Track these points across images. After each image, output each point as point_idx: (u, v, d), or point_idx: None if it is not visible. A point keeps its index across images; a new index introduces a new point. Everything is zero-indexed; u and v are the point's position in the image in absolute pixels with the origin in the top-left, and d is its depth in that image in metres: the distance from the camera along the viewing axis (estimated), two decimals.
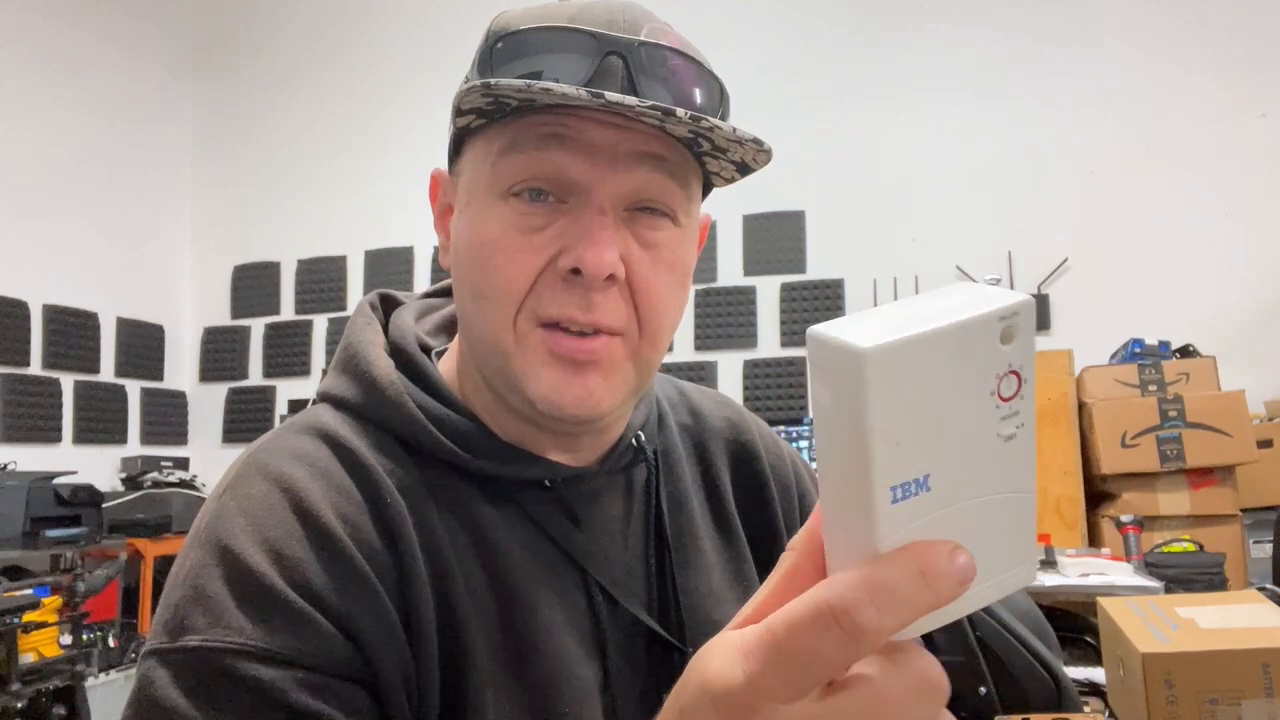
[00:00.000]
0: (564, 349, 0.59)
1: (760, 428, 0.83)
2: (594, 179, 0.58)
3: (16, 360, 4.82)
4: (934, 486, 0.31)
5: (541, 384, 0.59)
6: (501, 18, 0.62)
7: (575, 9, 0.60)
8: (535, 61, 0.58)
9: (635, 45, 0.58)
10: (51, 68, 5.11)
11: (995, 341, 0.32)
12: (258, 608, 0.53)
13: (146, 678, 0.53)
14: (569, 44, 0.58)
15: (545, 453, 0.66)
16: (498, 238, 0.59)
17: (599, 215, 0.58)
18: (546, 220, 0.58)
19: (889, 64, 4.85)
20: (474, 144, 0.62)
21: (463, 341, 0.67)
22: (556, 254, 0.58)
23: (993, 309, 0.31)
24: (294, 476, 0.59)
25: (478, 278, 0.60)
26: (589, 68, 0.57)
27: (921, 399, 0.31)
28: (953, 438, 0.32)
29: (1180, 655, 1.41)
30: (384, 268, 5.54)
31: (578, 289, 0.58)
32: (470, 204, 0.62)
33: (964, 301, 0.32)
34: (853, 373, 0.30)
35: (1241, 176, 4.32)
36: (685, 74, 0.60)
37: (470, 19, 5.62)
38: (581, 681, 0.62)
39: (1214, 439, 3.39)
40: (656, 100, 0.56)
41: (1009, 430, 0.33)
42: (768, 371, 4.89)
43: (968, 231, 4.64)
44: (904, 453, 0.31)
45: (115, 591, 4.24)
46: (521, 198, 0.59)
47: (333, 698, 0.53)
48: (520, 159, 0.58)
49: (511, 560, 0.63)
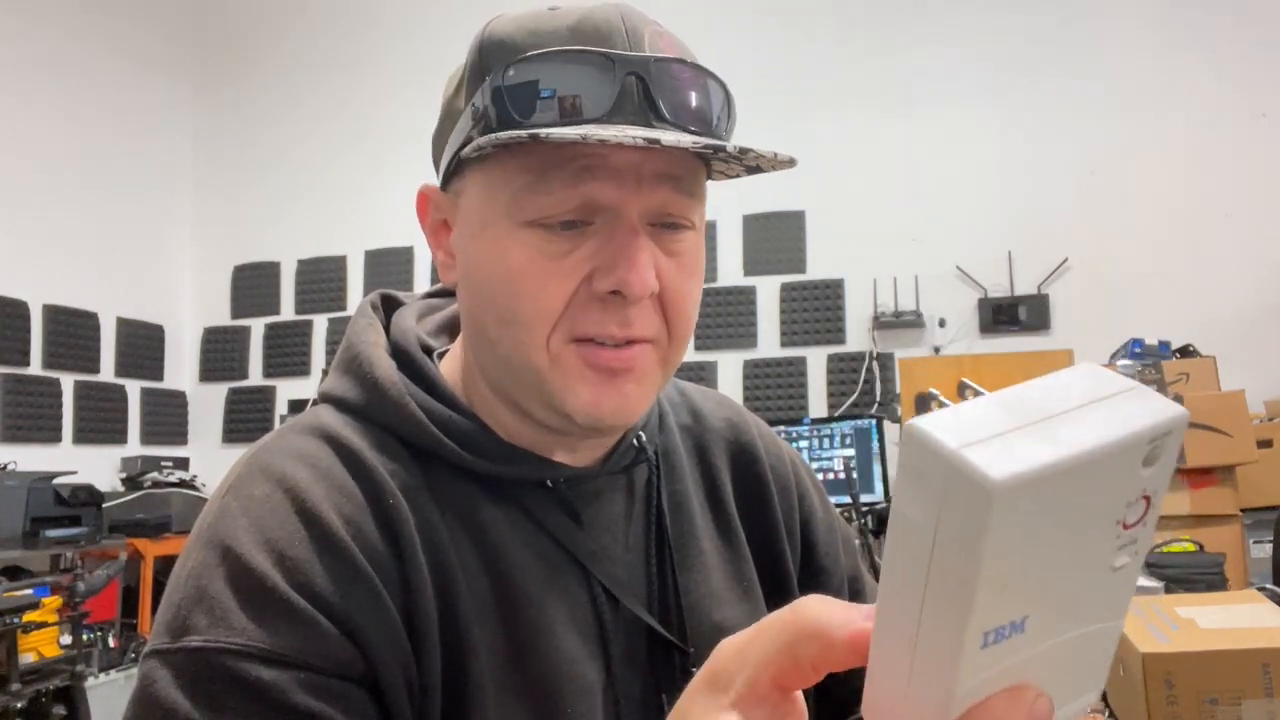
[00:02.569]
0: (602, 361, 0.60)
1: (760, 428, 0.83)
2: (623, 201, 0.58)
3: (16, 360, 4.82)
4: (1029, 628, 0.27)
5: (580, 398, 0.60)
6: (495, 30, 0.61)
7: (573, 18, 0.60)
8: (553, 88, 0.57)
9: (650, 63, 0.58)
10: (51, 68, 5.10)
11: (1138, 465, 0.26)
12: (260, 608, 0.53)
13: (148, 678, 0.53)
14: (585, 69, 0.57)
15: (549, 454, 0.66)
16: (525, 265, 0.58)
17: (633, 236, 0.58)
18: (574, 244, 0.59)
19: (889, 64, 4.85)
20: (485, 168, 0.60)
21: (475, 354, 0.66)
22: (588, 275, 0.59)
23: (1144, 428, 0.25)
24: (296, 477, 0.59)
25: (506, 304, 0.60)
26: (610, 95, 0.57)
27: (1042, 536, 0.25)
28: (1063, 574, 0.27)
29: (1180, 655, 1.41)
30: (384, 268, 5.54)
31: (614, 307, 0.59)
32: (486, 229, 0.60)
33: (1093, 402, 0.26)
34: (973, 507, 0.24)
35: (1241, 176, 4.32)
36: (698, 86, 0.60)
37: (469, 20, 5.60)
38: (584, 681, 0.62)
39: (1214, 439, 3.39)
40: (679, 118, 0.57)
41: (1122, 560, 0.28)
42: (767, 371, 4.89)
43: (968, 231, 4.64)
44: (1008, 598, 0.26)
45: (115, 591, 4.25)
46: (550, 227, 0.58)
47: (335, 698, 0.53)
48: (551, 196, 0.58)
49: (514, 560, 0.63)
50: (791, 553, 0.78)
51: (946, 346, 4.60)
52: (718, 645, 0.35)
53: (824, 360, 4.83)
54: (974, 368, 3.78)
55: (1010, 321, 4.54)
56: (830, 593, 0.79)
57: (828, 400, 4.79)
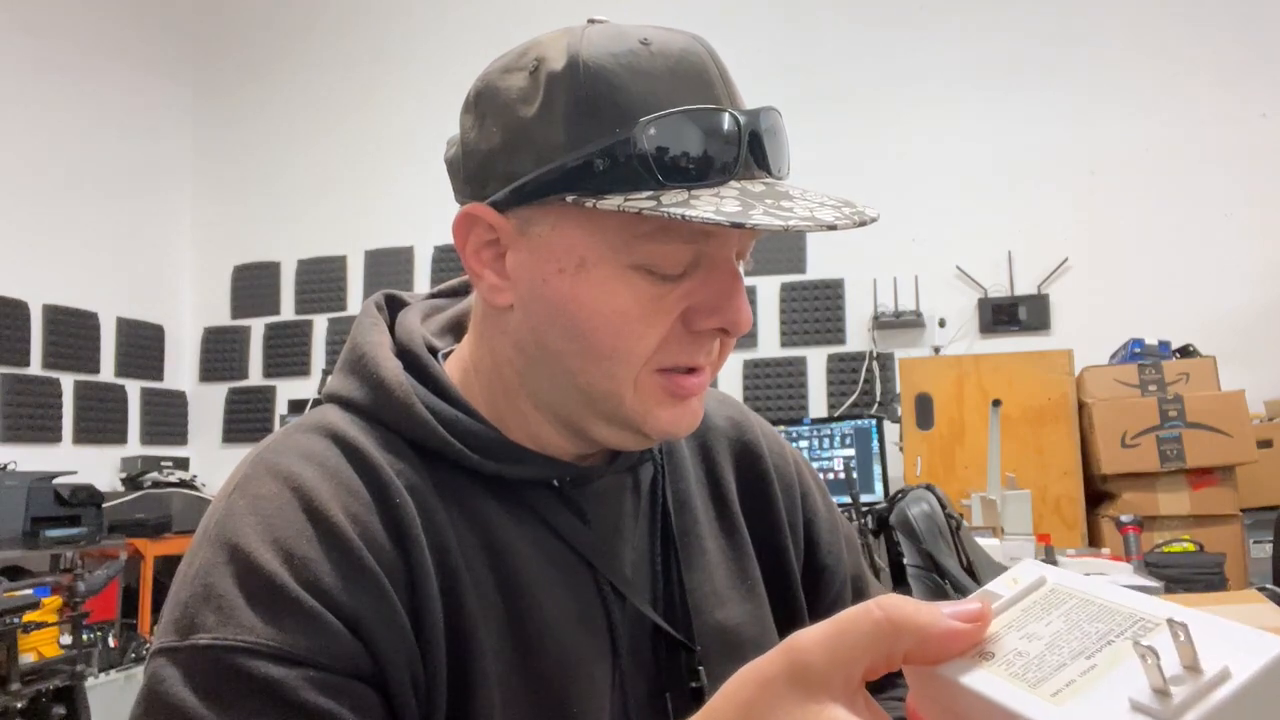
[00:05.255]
0: (685, 389, 0.63)
1: (763, 427, 0.83)
2: (727, 250, 0.62)
3: (16, 360, 4.82)
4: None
5: (661, 422, 0.63)
6: (592, 59, 0.58)
7: (671, 59, 0.59)
8: (690, 149, 0.57)
9: (760, 116, 0.60)
10: (52, 68, 5.10)
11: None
12: (268, 606, 0.53)
13: (156, 676, 0.53)
14: (716, 129, 0.58)
15: (558, 454, 0.67)
16: (632, 307, 0.60)
17: (736, 279, 0.62)
18: (675, 286, 0.61)
19: (889, 64, 4.85)
20: (584, 206, 0.58)
21: (524, 375, 0.65)
22: (684, 312, 0.61)
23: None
24: (303, 476, 0.59)
25: (605, 341, 0.60)
26: (734, 153, 0.58)
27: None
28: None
29: None
30: (384, 268, 5.54)
31: (707, 340, 0.63)
32: (587, 268, 0.59)
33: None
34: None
35: (1241, 176, 4.32)
36: (784, 132, 0.64)
37: (468, 21, 5.63)
38: (592, 679, 0.62)
39: (1214, 439, 3.39)
40: (780, 171, 0.62)
41: None
42: (768, 371, 4.89)
43: (968, 231, 4.64)
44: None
45: (115, 591, 4.24)
46: (660, 274, 0.60)
47: (342, 696, 0.53)
48: (669, 247, 0.59)
49: (521, 559, 0.63)
50: (795, 551, 0.78)
51: (946, 346, 4.60)
52: (791, 642, 0.37)
53: (824, 360, 4.83)
54: (974, 368, 3.78)
55: (1010, 321, 4.54)
56: (832, 591, 0.80)
57: (828, 400, 4.79)
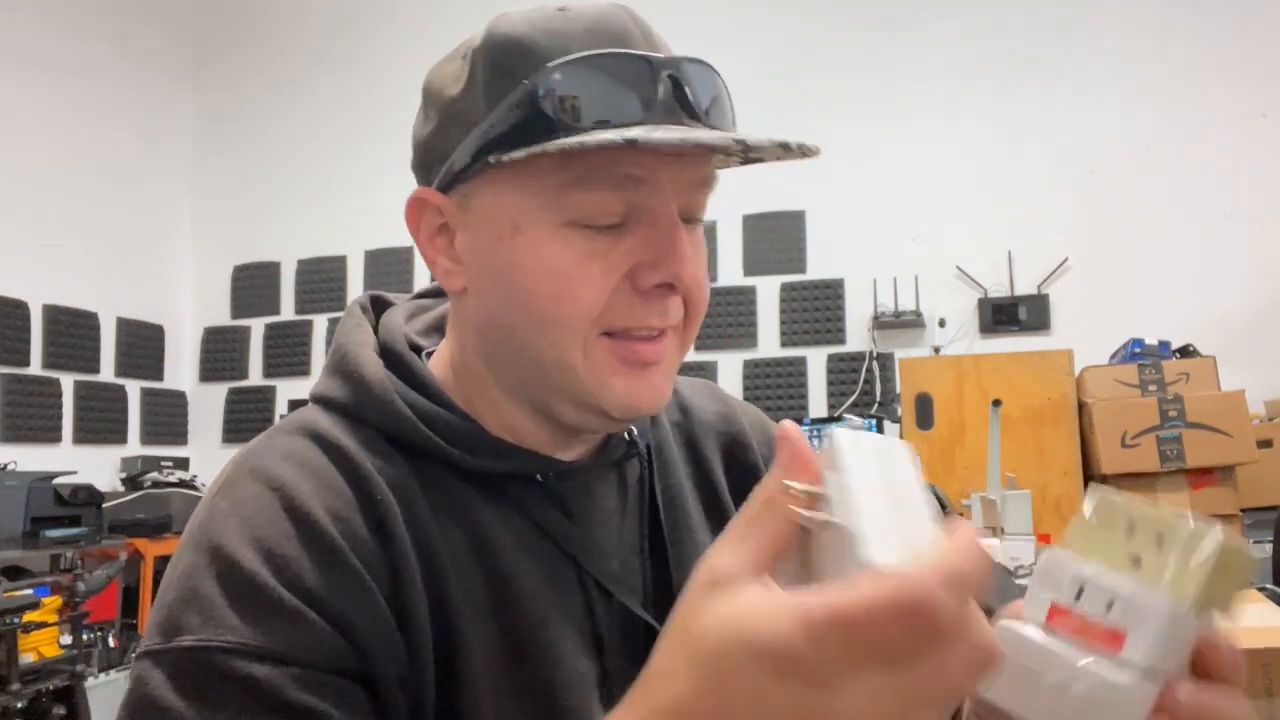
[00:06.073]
0: (637, 355, 0.61)
1: (749, 415, 0.83)
2: (665, 203, 0.60)
3: (16, 360, 4.82)
4: None
5: (615, 393, 0.61)
6: (507, 30, 0.60)
7: (587, 20, 0.60)
8: (599, 92, 0.57)
9: (681, 64, 0.59)
10: (52, 68, 5.11)
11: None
12: (251, 607, 0.53)
13: (141, 679, 0.53)
14: (625, 73, 0.58)
15: (541, 448, 0.67)
16: (570, 265, 0.59)
17: (677, 230, 0.60)
18: (615, 241, 0.60)
19: (889, 64, 4.85)
20: (515, 171, 0.59)
21: (488, 361, 0.66)
22: (630, 270, 0.60)
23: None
24: (285, 476, 0.59)
25: (546, 305, 0.59)
26: (651, 97, 0.58)
27: None
28: None
29: None
30: (384, 268, 5.54)
31: (656, 300, 0.61)
32: (520, 231, 0.60)
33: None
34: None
35: (1241, 176, 4.32)
36: (718, 83, 0.62)
37: (467, 21, 5.60)
38: (578, 676, 0.62)
39: (1214, 439, 3.38)
40: (709, 117, 0.60)
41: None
42: (768, 371, 4.89)
43: (968, 231, 4.64)
44: None
45: (115, 591, 4.24)
46: (592, 227, 0.59)
47: (329, 694, 0.53)
48: (596, 196, 0.58)
49: (506, 555, 0.63)
50: None
51: (946, 346, 4.60)
52: (704, 558, 0.40)
53: (824, 360, 4.83)
54: (974, 368, 3.78)
55: (1010, 321, 4.54)
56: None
57: (828, 400, 4.79)
